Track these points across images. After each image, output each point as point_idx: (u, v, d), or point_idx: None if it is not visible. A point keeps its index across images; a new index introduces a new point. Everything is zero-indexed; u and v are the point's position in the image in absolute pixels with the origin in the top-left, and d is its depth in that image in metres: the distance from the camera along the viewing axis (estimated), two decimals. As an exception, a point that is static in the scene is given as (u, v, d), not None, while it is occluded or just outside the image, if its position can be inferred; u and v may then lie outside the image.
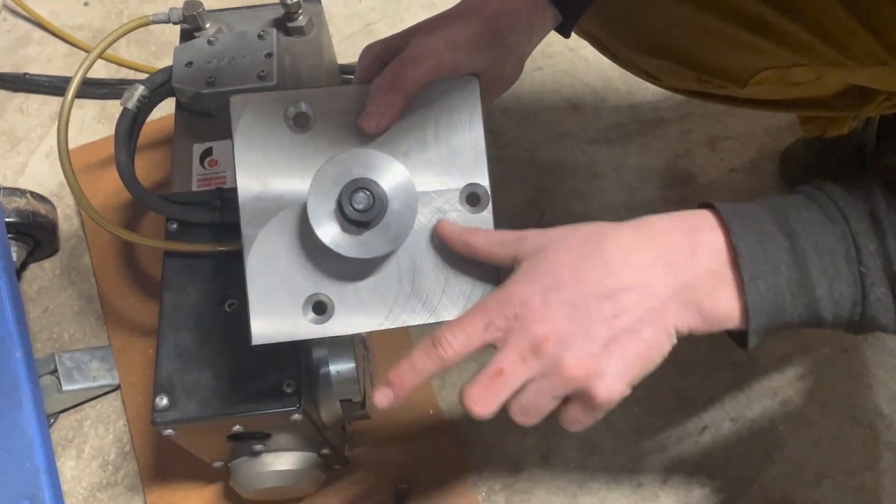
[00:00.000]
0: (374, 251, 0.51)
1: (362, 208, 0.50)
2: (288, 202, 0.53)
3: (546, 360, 0.46)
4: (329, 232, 0.51)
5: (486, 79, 0.56)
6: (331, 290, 0.53)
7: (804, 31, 0.60)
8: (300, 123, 0.54)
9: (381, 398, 0.48)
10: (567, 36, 0.63)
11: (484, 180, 0.55)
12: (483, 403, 0.46)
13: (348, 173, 0.51)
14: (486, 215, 0.55)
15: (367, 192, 0.50)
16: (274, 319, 0.52)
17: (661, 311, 0.46)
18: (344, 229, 0.51)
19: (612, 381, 0.46)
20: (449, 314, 0.53)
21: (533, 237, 0.50)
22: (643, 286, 0.46)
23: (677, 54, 0.70)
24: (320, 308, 0.53)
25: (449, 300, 0.54)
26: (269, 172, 0.53)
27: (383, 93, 0.53)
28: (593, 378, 0.46)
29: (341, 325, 0.53)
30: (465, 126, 0.55)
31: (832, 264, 0.45)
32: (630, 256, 0.47)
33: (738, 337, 0.49)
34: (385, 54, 0.57)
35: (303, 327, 0.53)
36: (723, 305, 0.46)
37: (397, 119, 0.53)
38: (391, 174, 0.51)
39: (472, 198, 0.55)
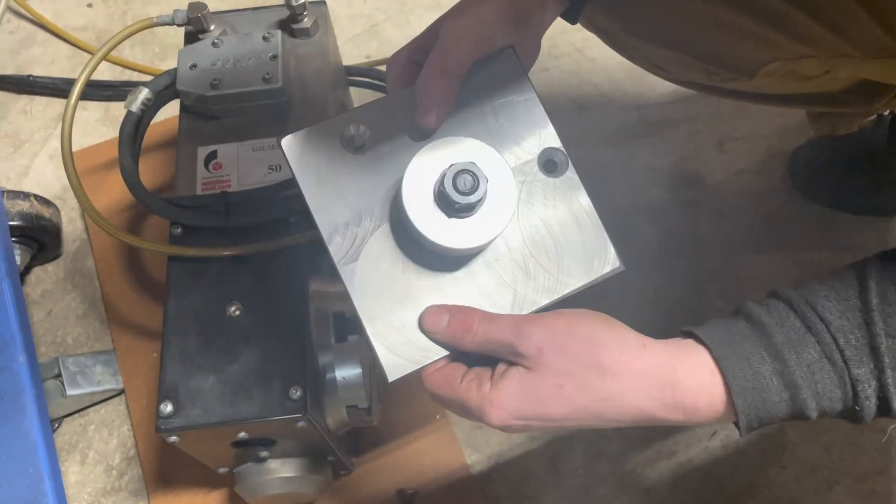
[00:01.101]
0: (485, 236, 0.49)
1: (468, 189, 0.48)
2: (372, 226, 0.51)
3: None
4: (435, 228, 0.49)
5: None
6: (445, 298, 0.51)
7: (811, 20, 0.60)
8: (357, 144, 0.52)
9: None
10: (574, 22, 0.63)
11: (555, 142, 0.54)
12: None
13: (438, 165, 0.49)
14: (570, 177, 0.54)
15: (468, 173, 0.48)
16: (402, 349, 0.50)
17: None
18: (449, 217, 0.49)
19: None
20: (575, 282, 0.52)
21: (528, 341, 0.48)
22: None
23: (684, 44, 0.70)
24: None
25: (567, 271, 0.52)
26: (345, 203, 0.51)
27: (434, 83, 0.52)
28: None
29: None
30: (517, 95, 0.54)
31: (830, 408, 0.47)
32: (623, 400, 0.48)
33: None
34: (416, 55, 0.57)
35: (434, 348, 0.50)
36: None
37: (453, 106, 0.53)
38: (476, 152, 0.50)
39: (549, 164, 0.54)
